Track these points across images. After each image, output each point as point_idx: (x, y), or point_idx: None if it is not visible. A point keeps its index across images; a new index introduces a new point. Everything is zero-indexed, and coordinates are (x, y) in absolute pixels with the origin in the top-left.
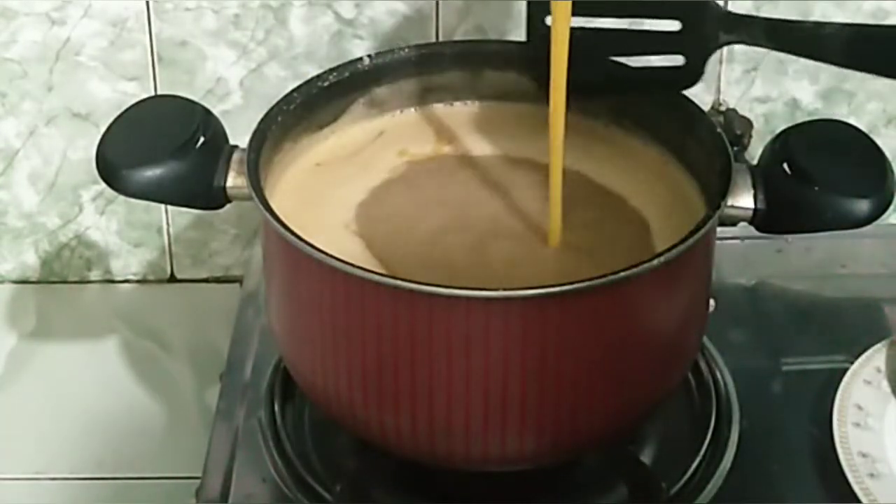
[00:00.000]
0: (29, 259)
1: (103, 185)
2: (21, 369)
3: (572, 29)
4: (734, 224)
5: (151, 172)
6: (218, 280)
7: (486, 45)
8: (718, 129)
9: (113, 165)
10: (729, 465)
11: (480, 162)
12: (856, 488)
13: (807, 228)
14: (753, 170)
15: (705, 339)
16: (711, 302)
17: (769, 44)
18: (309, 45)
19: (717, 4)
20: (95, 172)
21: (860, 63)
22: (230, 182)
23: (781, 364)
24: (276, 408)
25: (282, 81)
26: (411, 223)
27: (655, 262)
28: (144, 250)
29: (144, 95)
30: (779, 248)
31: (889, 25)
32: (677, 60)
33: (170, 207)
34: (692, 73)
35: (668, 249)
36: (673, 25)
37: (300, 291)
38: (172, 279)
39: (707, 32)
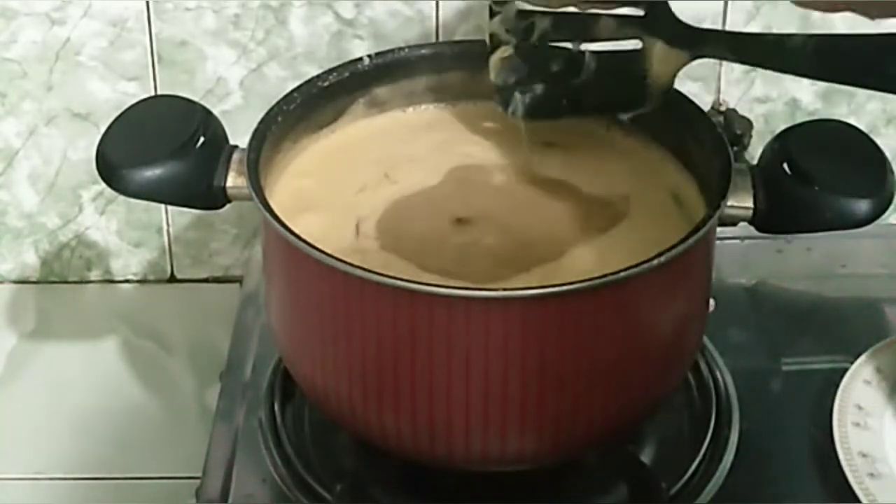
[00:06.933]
0: (29, 259)
1: (103, 185)
2: (21, 369)
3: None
4: (734, 224)
5: (151, 172)
6: (218, 280)
7: (486, 44)
8: (718, 129)
9: (113, 165)
10: (729, 465)
11: (479, 162)
12: (856, 488)
13: (807, 228)
14: (753, 170)
15: (705, 339)
16: (711, 302)
17: (733, 57)
18: (309, 45)
19: (680, 21)
20: (95, 172)
21: (827, 73)
22: (230, 182)
23: (781, 364)
24: (276, 408)
25: (282, 81)
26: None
27: (655, 262)
28: (144, 250)
29: (144, 95)
30: (779, 248)
31: (854, 35)
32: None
33: (170, 207)
34: (652, 97)
35: (668, 249)
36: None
37: (300, 291)
38: (172, 279)
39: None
